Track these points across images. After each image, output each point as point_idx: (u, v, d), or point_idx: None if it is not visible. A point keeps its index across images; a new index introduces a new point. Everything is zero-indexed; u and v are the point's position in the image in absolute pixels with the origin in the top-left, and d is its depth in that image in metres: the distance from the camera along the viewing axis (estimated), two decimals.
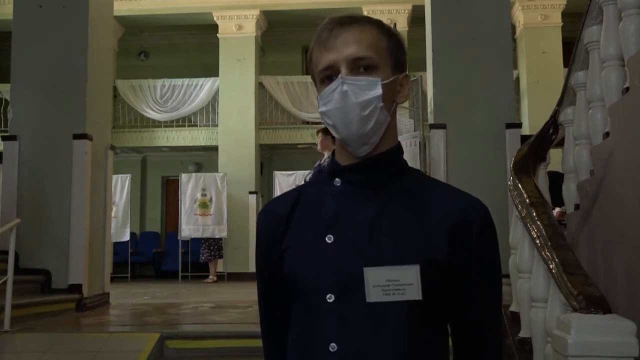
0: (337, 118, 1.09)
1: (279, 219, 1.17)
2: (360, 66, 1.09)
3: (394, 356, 1.05)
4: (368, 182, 1.13)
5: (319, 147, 6.15)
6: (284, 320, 1.18)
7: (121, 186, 11.16)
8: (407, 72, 1.18)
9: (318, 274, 1.09)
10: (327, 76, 1.11)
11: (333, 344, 1.05)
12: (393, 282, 1.04)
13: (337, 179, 1.15)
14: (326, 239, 1.10)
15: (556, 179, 3.95)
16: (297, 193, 1.20)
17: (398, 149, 1.16)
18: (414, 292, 1.04)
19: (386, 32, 1.14)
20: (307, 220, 1.14)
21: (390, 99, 1.12)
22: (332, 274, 1.08)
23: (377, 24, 1.14)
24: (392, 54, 1.13)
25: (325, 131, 5.99)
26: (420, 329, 1.06)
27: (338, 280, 1.07)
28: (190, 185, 11.18)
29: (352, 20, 1.12)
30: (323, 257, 1.09)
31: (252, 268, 11.15)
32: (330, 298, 1.07)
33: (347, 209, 1.11)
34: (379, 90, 1.08)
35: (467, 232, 1.09)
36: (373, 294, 1.04)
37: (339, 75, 1.08)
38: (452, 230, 1.08)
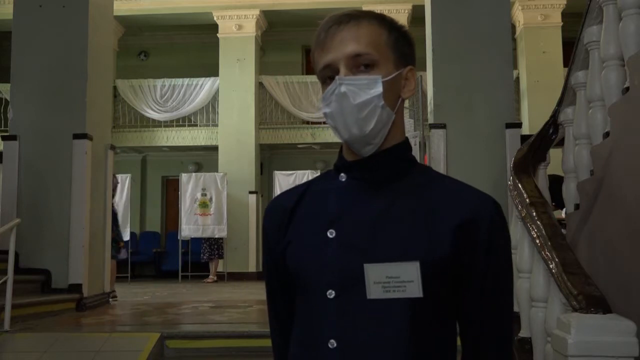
0: (337, 121, 1.08)
1: (283, 212, 1.17)
2: (360, 64, 1.07)
3: (394, 353, 1.03)
4: (373, 178, 1.11)
5: None
6: (289, 315, 1.17)
7: (121, 186, 11.15)
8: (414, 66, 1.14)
9: (319, 269, 1.08)
10: (328, 76, 1.09)
11: (332, 341, 1.04)
12: (393, 279, 1.03)
13: (342, 175, 1.14)
14: (328, 233, 1.09)
15: (554, 182, 3.95)
16: (304, 187, 1.19)
17: (405, 145, 1.14)
18: (415, 289, 1.03)
19: (387, 25, 1.11)
20: (311, 214, 1.14)
21: (394, 95, 1.09)
22: (333, 270, 1.07)
23: (377, 18, 1.11)
24: (394, 48, 1.10)
25: None
26: (421, 326, 1.04)
27: (339, 276, 1.06)
28: (190, 185, 11.18)
29: (350, 17, 1.09)
30: (324, 252, 1.08)
31: (252, 268, 11.18)
32: (331, 294, 1.06)
33: (350, 204, 1.10)
34: (379, 89, 1.06)
35: (476, 229, 1.06)
36: (373, 291, 1.03)
37: (337, 77, 1.06)
38: (459, 227, 1.05)
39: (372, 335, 1.04)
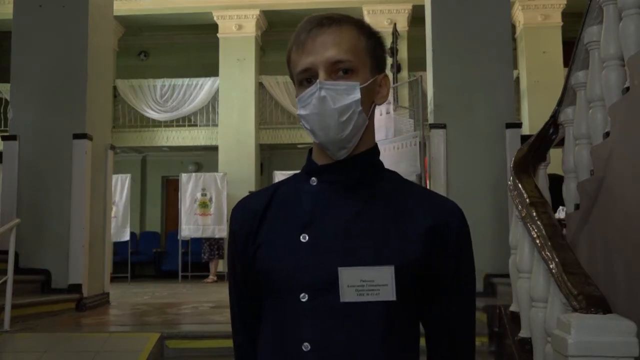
0: (314, 123, 1.08)
1: (253, 214, 1.16)
2: (339, 69, 1.08)
3: (367, 356, 1.05)
4: (345, 182, 1.12)
5: None
6: (255, 317, 1.17)
7: (121, 186, 11.15)
8: (387, 72, 1.17)
9: (292, 272, 1.08)
10: (305, 79, 1.10)
11: (306, 344, 1.05)
12: (367, 283, 1.04)
13: (313, 179, 1.14)
14: (301, 237, 1.09)
15: (556, 182, 3.94)
16: (273, 189, 1.19)
17: (375, 150, 1.16)
18: (388, 293, 1.04)
19: (365, 32, 1.13)
20: (282, 217, 1.14)
21: (369, 100, 1.11)
22: (306, 273, 1.07)
23: (356, 24, 1.13)
24: (371, 54, 1.12)
25: None
26: (393, 329, 1.07)
27: (312, 280, 1.07)
28: (190, 185, 11.17)
29: (331, 21, 1.10)
30: (297, 256, 1.08)
31: None
32: (304, 297, 1.06)
33: (323, 208, 1.11)
34: (357, 95, 1.07)
35: (445, 234, 1.10)
36: (347, 294, 1.04)
37: (317, 80, 1.07)
38: (429, 232, 1.08)
39: (345, 337, 1.05)
